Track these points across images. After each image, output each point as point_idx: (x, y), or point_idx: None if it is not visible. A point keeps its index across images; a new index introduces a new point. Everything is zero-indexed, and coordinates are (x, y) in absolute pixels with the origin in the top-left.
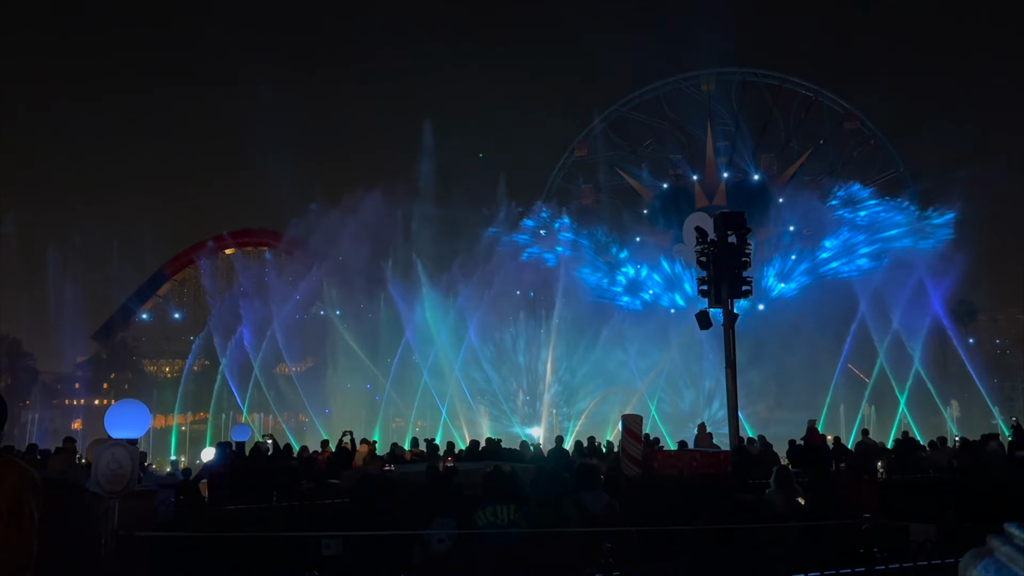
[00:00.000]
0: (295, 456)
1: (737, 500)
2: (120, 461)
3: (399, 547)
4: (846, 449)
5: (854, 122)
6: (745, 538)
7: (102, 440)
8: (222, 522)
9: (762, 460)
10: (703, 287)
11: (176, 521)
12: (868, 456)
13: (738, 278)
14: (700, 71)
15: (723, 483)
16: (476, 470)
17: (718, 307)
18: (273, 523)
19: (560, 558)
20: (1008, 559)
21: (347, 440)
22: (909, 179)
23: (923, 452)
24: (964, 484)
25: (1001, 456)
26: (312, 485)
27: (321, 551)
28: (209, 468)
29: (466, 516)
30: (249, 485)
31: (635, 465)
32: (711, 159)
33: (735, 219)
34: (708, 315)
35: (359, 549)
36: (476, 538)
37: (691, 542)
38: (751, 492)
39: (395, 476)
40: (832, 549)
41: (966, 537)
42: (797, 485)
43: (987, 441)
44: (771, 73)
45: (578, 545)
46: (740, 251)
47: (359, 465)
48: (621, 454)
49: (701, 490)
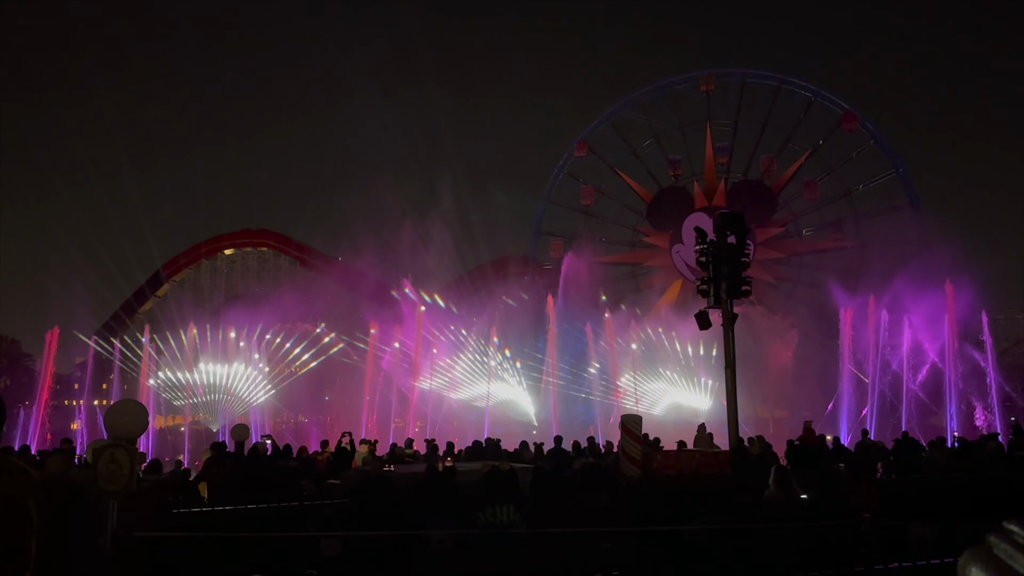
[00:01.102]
0: (295, 456)
1: (736, 500)
2: (119, 461)
3: (399, 547)
4: (845, 449)
5: (853, 122)
6: (744, 538)
7: (102, 441)
8: (221, 522)
9: (762, 460)
10: (703, 287)
11: (175, 521)
12: (868, 456)
13: (738, 278)
14: (699, 71)
15: (722, 483)
16: (475, 470)
17: (717, 307)
18: (273, 523)
19: (560, 558)
20: (1007, 556)
21: (347, 441)
22: (908, 179)
23: (923, 452)
24: (964, 484)
25: (1000, 456)
26: (312, 485)
27: (321, 551)
28: (208, 468)
29: (466, 516)
30: (249, 485)
31: (634, 465)
32: (710, 159)
33: (734, 219)
34: (707, 315)
35: (359, 549)
36: (475, 538)
37: (691, 542)
38: (750, 492)
39: (395, 476)
40: (832, 549)
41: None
42: (796, 485)
43: (986, 441)
44: (770, 73)
45: (578, 545)
46: (739, 251)
47: (359, 466)
48: (620, 454)
49: (701, 490)
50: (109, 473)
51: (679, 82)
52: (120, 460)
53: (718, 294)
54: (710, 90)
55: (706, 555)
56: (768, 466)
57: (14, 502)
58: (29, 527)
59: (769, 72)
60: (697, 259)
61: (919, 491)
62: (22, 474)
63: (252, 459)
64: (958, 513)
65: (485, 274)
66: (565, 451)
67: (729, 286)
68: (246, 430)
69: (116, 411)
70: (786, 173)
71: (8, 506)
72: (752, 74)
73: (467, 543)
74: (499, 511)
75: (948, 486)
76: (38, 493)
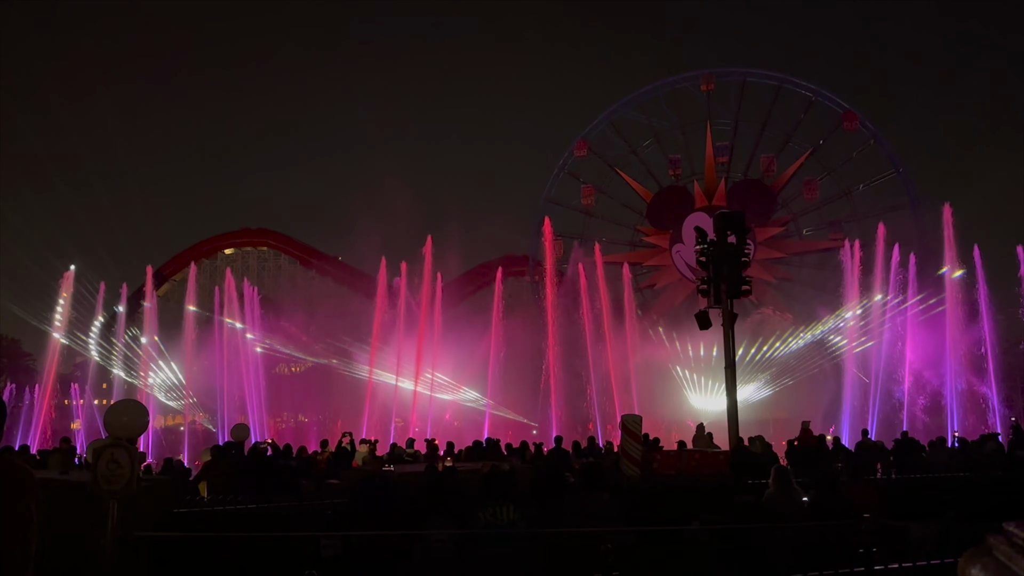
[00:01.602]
0: (294, 456)
1: (736, 500)
2: (119, 461)
3: (399, 547)
4: (845, 449)
5: (853, 122)
6: (744, 538)
7: (102, 440)
8: (221, 522)
9: (761, 461)
10: (703, 287)
11: (175, 521)
12: (867, 456)
13: (738, 278)
14: (700, 71)
15: (723, 483)
16: (476, 470)
17: (718, 307)
18: (273, 523)
19: (559, 558)
20: (1007, 558)
21: (347, 441)
22: (910, 179)
23: (923, 452)
24: (963, 484)
25: (1000, 456)
26: (312, 485)
27: (320, 551)
28: (208, 468)
29: (466, 516)
30: (249, 485)
31: (635, 465)
32: (710, 159)
33: (734, 219)
34: (707, 315)
35: (359, 549)
36: (475, 538)
37: (691, 542)
38: (750, 492)
39: (395, 476)
40: (832, 549)
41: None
42: (796, 485)
43: (986, 441)
44: (770, 73)
45: (578, 545)
46: (740, 251)
47: (359, 465)
48: (621, 454)
49: (701, 490)
50: (109, 473)
51: (679, 81)
52: (120, 460)
53: (718, 294)
54: (710, 89)
55: (706, 555)
56: (768, 466)
57: (14, 502)
58: (29, 527)
59: (769, 71)
60: (697, 259)
61: (919, 491)
62: (22, 473)
63: (252, 459)
64: (958, 513)
65: (485, 273)
66: (565, 451)
67: (729, 286)
68: (246, 430)
69: (116, 411)
70: (786, 173)
71: (8, 506)
72: (752, 73)
73: (467, 543)
74: (499, 511)
75: (948, 486)
76: (38, 493)
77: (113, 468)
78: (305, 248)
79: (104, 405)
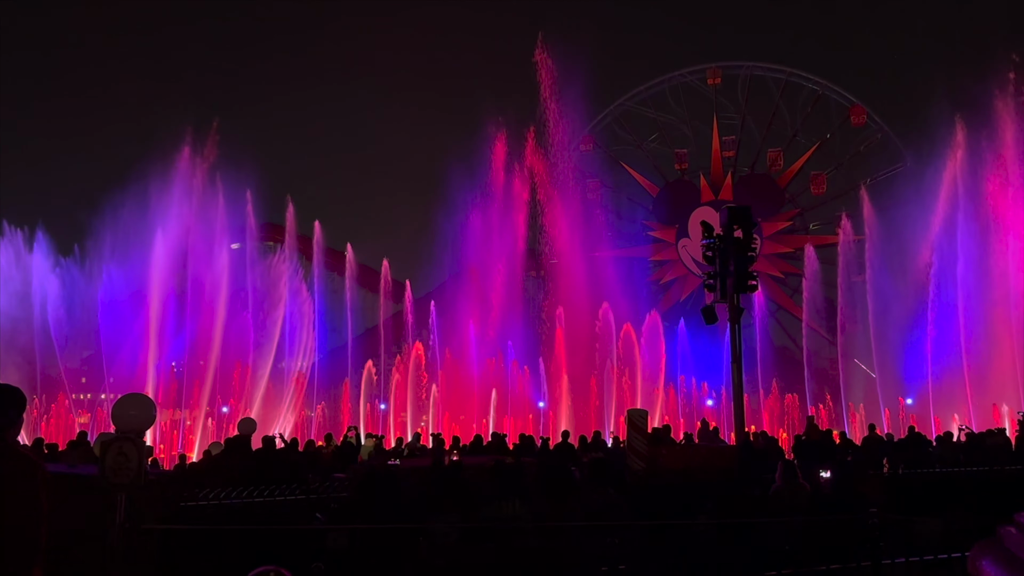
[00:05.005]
0: (300, 450)
1: (743, 495)
2: (127, 455)
3: (405, 541)
4: (853, 444)
5: (861, 116)
6: (751, 532)
7: (110, 434)
8: (228, 515)
9: (767, 455)
10: (709, 282)
11: (182, 514)
12: (875, 451)
13: (744, 273)
14: (706, 64)
15: (729, 478)
16: (481, 465)
17: (724, 302)
18: (279, 516)
19: (566, 553)
20: (1018, 547)
21: (352, 435)
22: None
23: (930, 447)
24: (971, 478)
25: (1007, 450)
26: (317, 479)
27: (327, 544)
28: (215, 461)
29: (471, 510)
30: (255, 478)
31: (641, 460)
32: (717, 153)
33: (741, 213)
34: (714, 310)
35: (365, 543)
36: (481, 532)
37: (697, 537)
38: (757, 487)
39: (400, 470)
40: (839, 543)
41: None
42: (803, 479)
43: (991, 435)
44: (777, 67)
45: (584, 540)
46: (746, 245)
47: (364, 459)
48: (627, 449)
49: (707, 485)
50: (117, 466)
51: (686, 75)
52: (128, 453)
53: (724, 288)
54: (717, 83)
55: (713, 549)
56: (774, 460)
57: (27, 489)
58: (39, 516)
59: (776, 65)
60: (704, 253)
61: (926, 485)
62: (33, 464)
63: (259, 453)
64: (966, 507)
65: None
66: (571, 446)
67: (735, 280)
68: (253, 424)
69: (124, 405)
70: (793, 167)
71: (21, 493)
72: (759, 67)
73: (472, 537)
74: (505, 506)
75: (956, 480)
76: (48, 484)
77: (121, 461)
78: (310, 243)
79: (111, 399)
